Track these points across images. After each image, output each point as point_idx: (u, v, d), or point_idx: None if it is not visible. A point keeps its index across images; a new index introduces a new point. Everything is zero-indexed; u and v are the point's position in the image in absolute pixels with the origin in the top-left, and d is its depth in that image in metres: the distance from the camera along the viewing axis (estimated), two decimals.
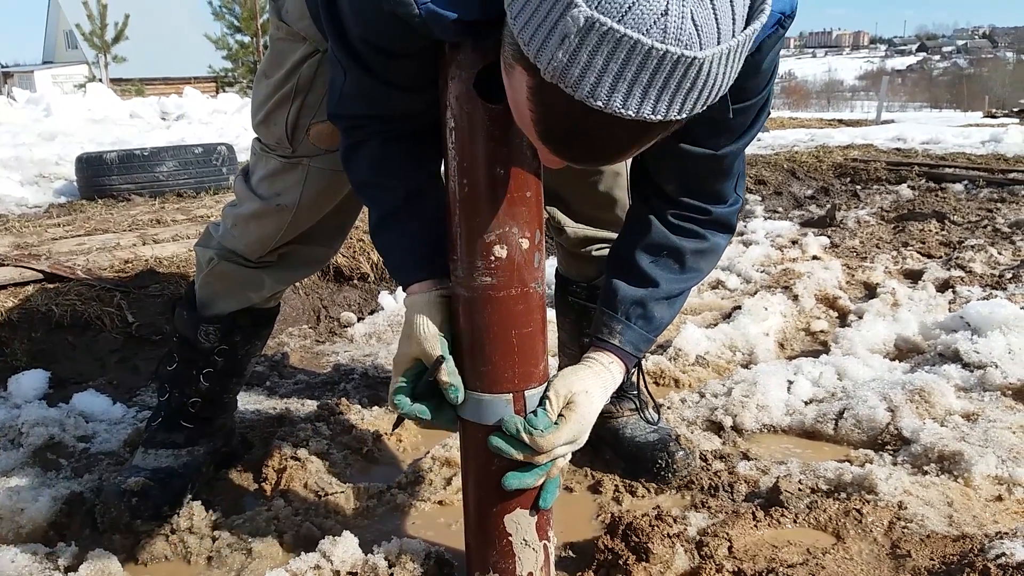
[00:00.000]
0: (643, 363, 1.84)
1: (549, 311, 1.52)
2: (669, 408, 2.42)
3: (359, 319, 3.44)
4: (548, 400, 1.30)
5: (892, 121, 14.57)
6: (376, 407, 2.44)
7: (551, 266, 2.27)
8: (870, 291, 3.59)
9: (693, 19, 0.87)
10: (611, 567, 1.55)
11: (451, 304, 1.33)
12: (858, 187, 6.62)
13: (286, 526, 1.77)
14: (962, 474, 1.90)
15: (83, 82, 22.31)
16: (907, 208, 5.57)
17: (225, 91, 21.37)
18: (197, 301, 1.92)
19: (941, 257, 4.17)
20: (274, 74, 1.68)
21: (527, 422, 1.27)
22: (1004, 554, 1.49)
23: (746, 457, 2.11)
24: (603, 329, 1.43)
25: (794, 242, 4.57)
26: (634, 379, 1.70)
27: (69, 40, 44.61)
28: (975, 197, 5.91)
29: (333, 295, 3.57)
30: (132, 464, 1.93)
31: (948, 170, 6.81)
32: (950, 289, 3.48)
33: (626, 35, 0.85)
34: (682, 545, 1.61)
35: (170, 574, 1.66)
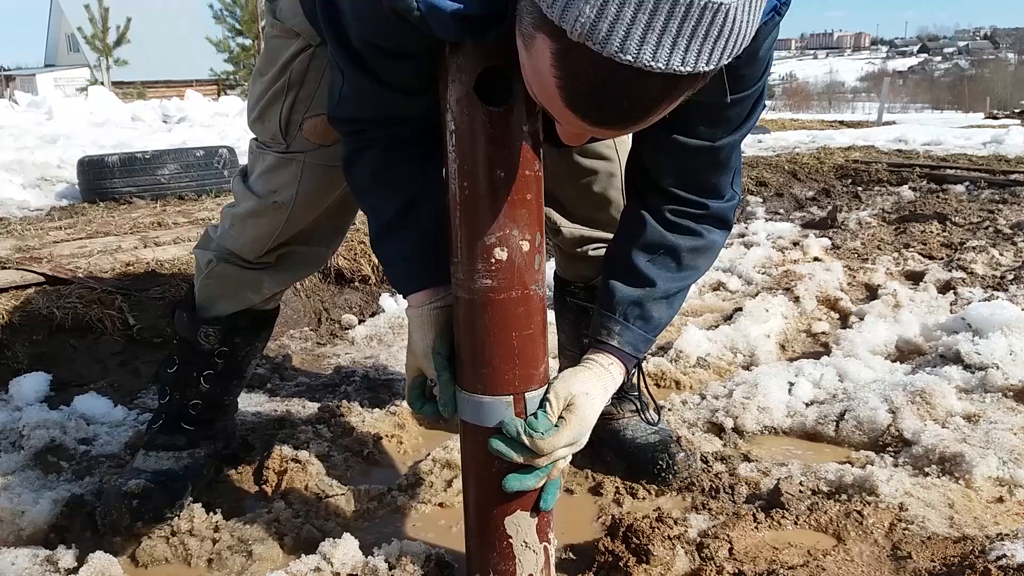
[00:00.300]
0: (644, 365, 1.84)
1: (549, 313, 1.52)
2: (670, 410, 2.42)
3: (360, 321, 3.44)
4: (548, 402, 1.30)
5: (893, 122, 14.59)
6: (377, 409, 2.44)
7: (550, 268, 2.27)
8: (871, 293, 3.59)
9: None
10: (612, 569, 1.55)
11: (449, 312, 1.35)
12: (859, 188, 6.62)
13: (287, 528, 1.77)
14: (963, 476, 1.90)
15: (85, 85, 22.32)
16: (908, 209, 5.57)
17: (226, 94, 21.37)
18: (196, 303, 1.93)
19: (942, 258, 4.16)
20: (268, 71, 1.69)
21: (527, 424, 1.27)
22: (1005, 556, 1.48)
23: (747, 459, 2.11)
24: (602, 331, 1.43)
25: (795, 244, 4.57)
26: (635, 380, 1.70)
27: (71, 43, 44.67)
28: (977, 198, 5.91)
29: (334, 297, 3.57)
30: (133, 466, 1.93)
31: (949, 171, 6.81)
32: (951, 290, 3.48)
33: None
34: (683, 547, 1.61)
35: None
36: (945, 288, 3.54)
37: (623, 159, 1.78)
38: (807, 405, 2.39)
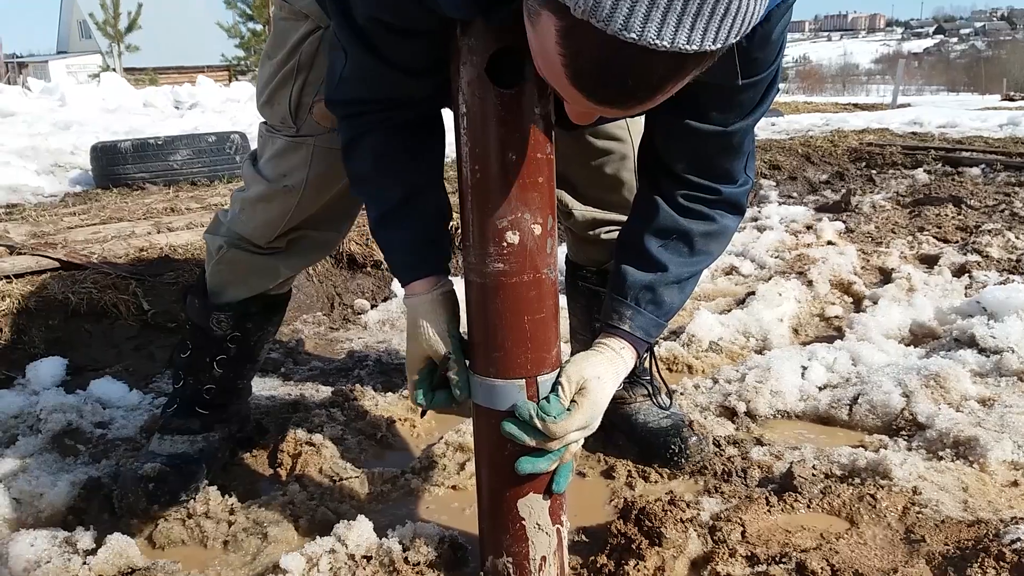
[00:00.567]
0: (656, 349, 1.84)
1: (561, 297, 1.52)
2: (682, 394, 2.42)
3: (372, 306, 3.45)
4: (560, 386, 1.30)
5: (908, 105, 14.44)
6: (390, 393, 2.45)
7: (562, 252, 2.27)
8: (885, 276, 3.57)
9: None
10: (624, 551, 1.55)
11: (454, 297, 1.35)
12: (873, 172, 6.56)
13: (301, 511, 1.79)
14: (977, 459, 1.89)
15: (97, 72, 22.38)
16: (923, 193, 5.52)
17: (238, 79, 21.40)
18: (208, 289, 1.93)
19: (957, 242, 4.13)
20: (277, 54, 1.68)
21: (540, 408, 1.27)
22: (1019, 539, 1.48)
23: (760, 443, 2.10)
24: (613, 315, 1.43)
25: (809, 227, 4.54)
26: (647, 365, 1.70)
27: (83, 30, 44.79)
28: (992, 181, 5.85)
29: (347, 282, 3.58)
30: (148, 450, 1.95)
31: (965, 154, 6.75)
32: (966, 274, 3.45)
33: None
34: (695, 530, 1.62)
35: (187, 558, 1.68)
36: (960, 271, 3.52)
37: (636, 141, 1.77)
38: (820, 389, 2.38)
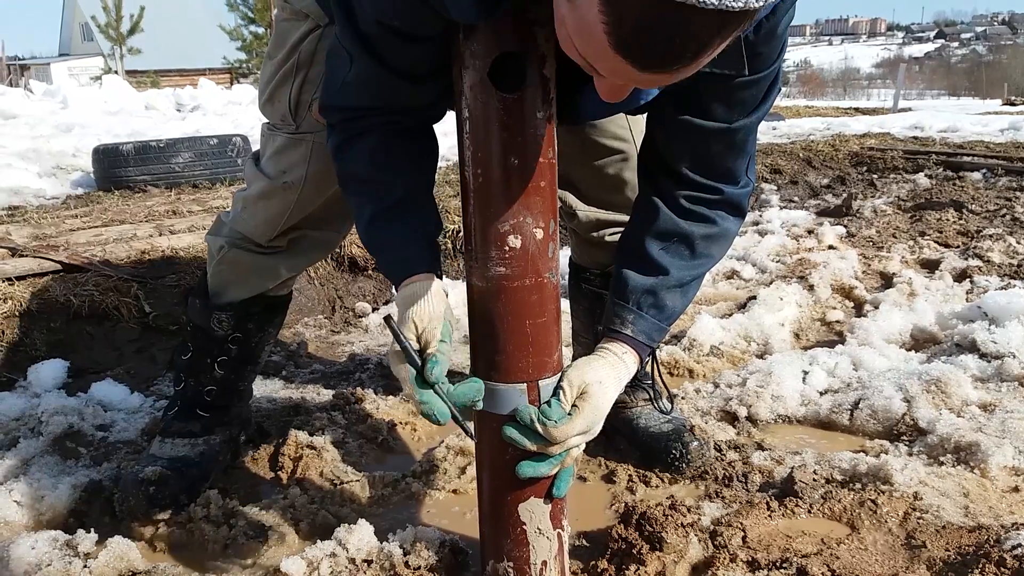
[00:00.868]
0: (657, 353, 1.84)
1: (563, 301, 1.52)
2: (683, 398, 2.42)
3: (374, 309, 3.45)
4: (562, 390, 1.30)
5: (909, 109, 14.45)
6: (391, 397, 2.45)
7: (564, 256, 2.27)
8: (886, 281, 3.57)
9: None
10: (625, 556, 1.55)
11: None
12: (875, 176, 6.56)
13: (302, 514, 1.79)
14: (978, 465, 1.89)
15: (99, 74, 22.37)
16: (924, 197, 5.52)
17: (239, 82, 21.42)
18: (209, 289, 1.94)
19: (959, 247, 4.13)
20: (277, 54, 1.72)
21: (541, 412, 1.27)
22: (1020, 545, 1.48)
23: (760, 447, 2.10)
24: (615, 320, 1.43)
25: (810, 232, 4.54)
26: (648, 369, 1.70)
27: (85, 32, 44.81)
28: (993, 186, 5.85)
29: (348, 286, 3.58)
30: (149, 453, 1.95)
31: (966, 159, 6.74)
32: (967, 279, 3.45)
33: None
34: (696, 535, 1.62)
35: (187, 561, 1.68)
36: (961, 276, 3.52)
37: (639, 141, 1.78)
38: (821, 394, 2.38)
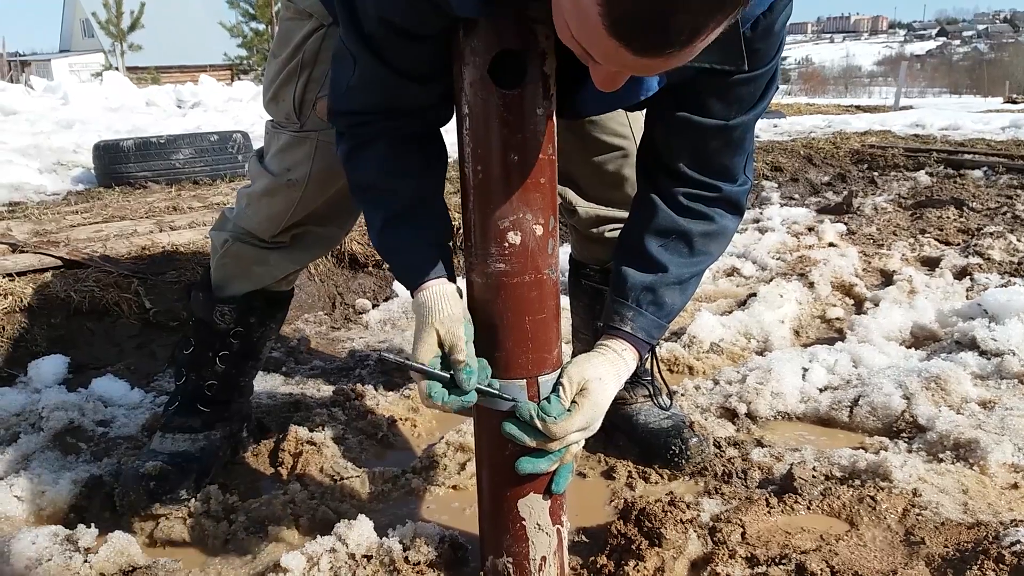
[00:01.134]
0: (657, 350, 1.84)
1: (563, 298, 1.52)
2: (683, 395, 2.42)
3: (374, 306, 3.46)
4: (561, 386, 1.30)
5: (910, 107, 14.43)
6: (391, 393, 2.46)
7: (564, 253, 2.27)
8: (886, 278, 3.57)
9: None
10: (624, 552, 1.55)
11: (466, 292, 1.34)
12: (875, 174, 6.56)
13: (302, 510, 1.79)
14: (978, 462, 1.90)
15: (99, 70, 22.39)
16: (925, 195, 5.52)
17: (240, 79, 21.42)
18: (212, 283, 1.95)
19: (959, 244, 4.13)
20: (281, 52, 1.72)
21: (540, 408, 1.27)
22: (1019, 542, 1.48)
23: (760, 444, 2.11)
24: (614, 316, 1.43)
25: (810, 229, 4.54)
26: (648, 366, 1.70)
27: (85, 28, 44.80)
28: (994, 184, 5.85)
29: (348, 282, 3.58)
30: (150, 448, 1.96)
31: (967, 156, 6.74)
32: (968, 276, 3.45)
33: None
34: (695, 531, 1.62)
35: (188, 556, 1.68)
36: (961, 274, 3.52)
37: (638, 138, 1.78)
38: (821, 391, 2.38)
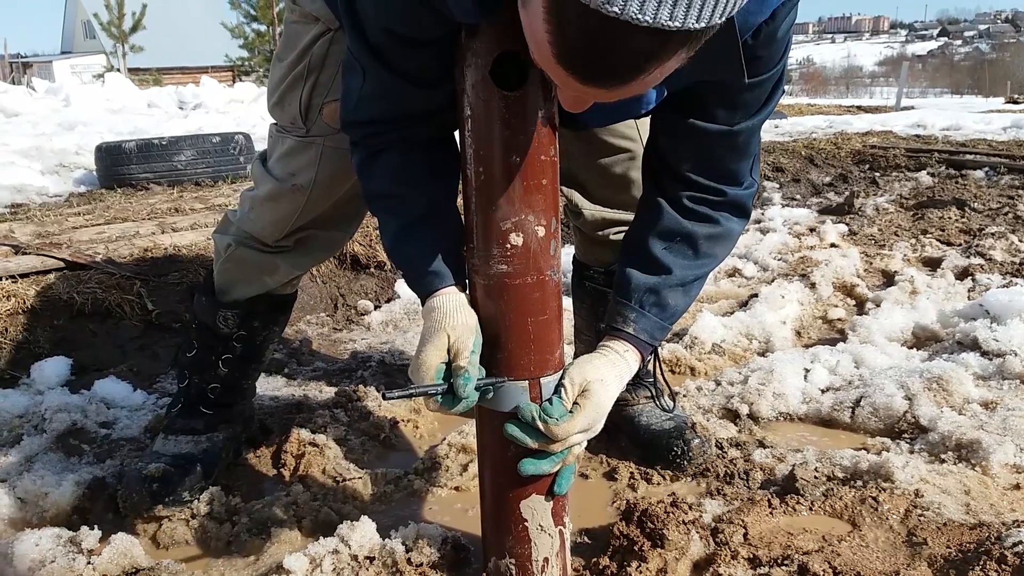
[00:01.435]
0: (659, 351, 1.84)
1: (565, 299, 1.52)
2: (685, 396, 2.42)
3: (376, 307, 3.46)
4: (563, 388, 1.31)
5: (912, 107, 14.41)
6: None
7: (567, 254, 2.27)
8: (888, 279, 3.57)
9: None
10: (626, 553, 1.56)
11: (469, 293, 1.34)
12: (877, 174, 6.56)
13: (304, 511, 1.79)
14: (980, 462, 1.89)
15: (101, 72, 22.42)
16: (926, 195, 5.51)
17: (242, 80, 21.43)
18: (216, 287, 1.95)
19: (961, 245, 4.13)
20: (287, 56, 1.70)
21: (542, 410, 1.27)
22: (1021, 542, 1.48)
23: (762, 445, 2.11)
24: (617, 318, 1.43)
25: (812, 230, 4.54)
26: (650, 367, 1.71)
27: (87, 30, 44.85)
28: (996, 184, 5.84)
29: (350, 283, 3.59)
30: (153, 450, 1.96)
31: (969, 157, 6.73)
32: (969, 277, 3.45)
33: None
34: (697, 532, 1.62)
35: (190, 558, 1.68)
36: (963, 274, 3.52)
37: (645, 140, 1.79)
38: (823, 391, 2.38)
